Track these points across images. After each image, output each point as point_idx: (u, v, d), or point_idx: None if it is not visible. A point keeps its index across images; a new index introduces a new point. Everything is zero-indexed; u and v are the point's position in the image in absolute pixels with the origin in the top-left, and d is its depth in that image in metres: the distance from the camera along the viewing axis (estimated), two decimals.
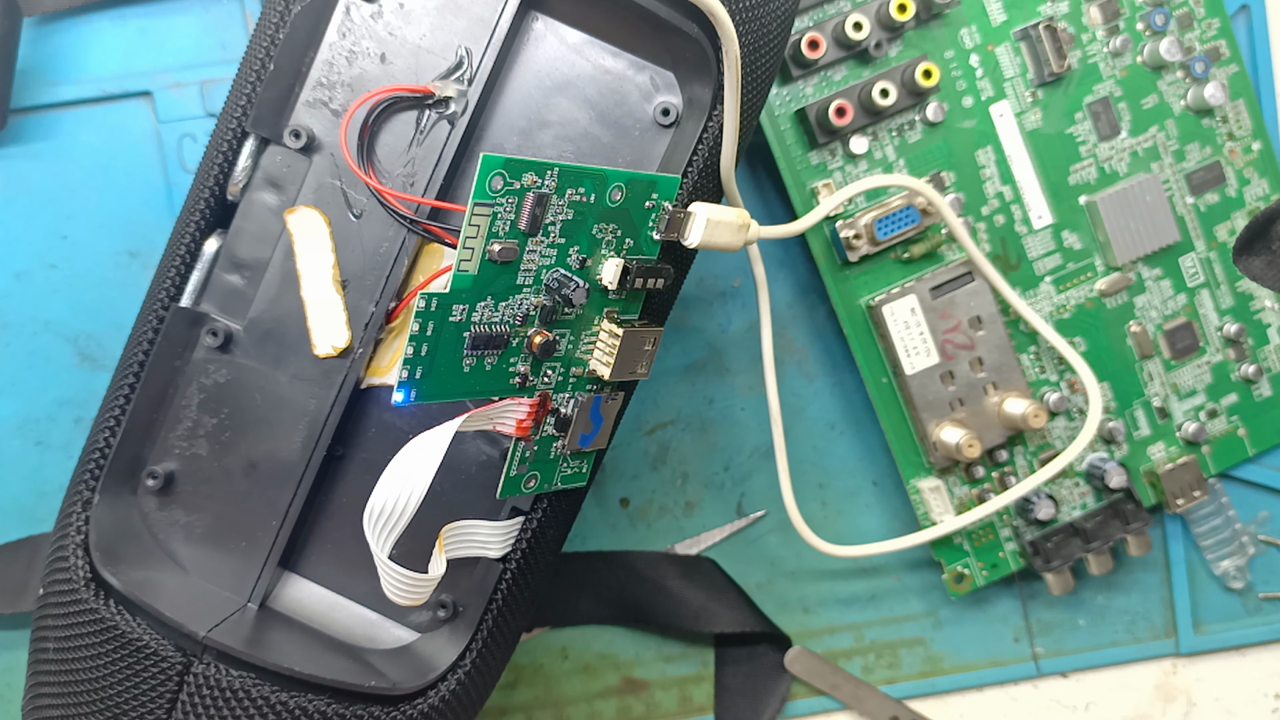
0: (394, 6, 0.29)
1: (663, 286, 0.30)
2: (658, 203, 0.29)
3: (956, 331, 0.40)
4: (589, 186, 0.28)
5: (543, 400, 0.29)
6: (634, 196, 0.29)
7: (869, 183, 0.37)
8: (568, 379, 0.29)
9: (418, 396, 0.27)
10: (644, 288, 0.29)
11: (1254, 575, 0.45)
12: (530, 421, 0.29)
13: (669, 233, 0.29)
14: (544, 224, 0.27)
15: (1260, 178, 0.43)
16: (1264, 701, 0.46)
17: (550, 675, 0.43)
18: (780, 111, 0.39)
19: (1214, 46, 0.42)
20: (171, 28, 0.39)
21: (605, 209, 0.28)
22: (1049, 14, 0.41)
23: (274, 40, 0.29)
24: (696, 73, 0.30)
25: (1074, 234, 0.42)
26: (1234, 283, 0.43)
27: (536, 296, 0.28)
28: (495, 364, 0.28)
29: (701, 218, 0.29)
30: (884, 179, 0.37)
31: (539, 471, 0.30)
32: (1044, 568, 0.42)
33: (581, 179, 0.27)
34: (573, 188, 0.27)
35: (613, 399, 0.31)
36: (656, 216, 0.29)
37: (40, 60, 0.38)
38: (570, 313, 0.29)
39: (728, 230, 0.30)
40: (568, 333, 0.29)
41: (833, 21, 0.39)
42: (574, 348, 0.29)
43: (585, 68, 0.31)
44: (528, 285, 0.28)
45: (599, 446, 0.31)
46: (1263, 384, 0.43)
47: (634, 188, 0.29)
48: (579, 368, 0.30)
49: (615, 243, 0.29)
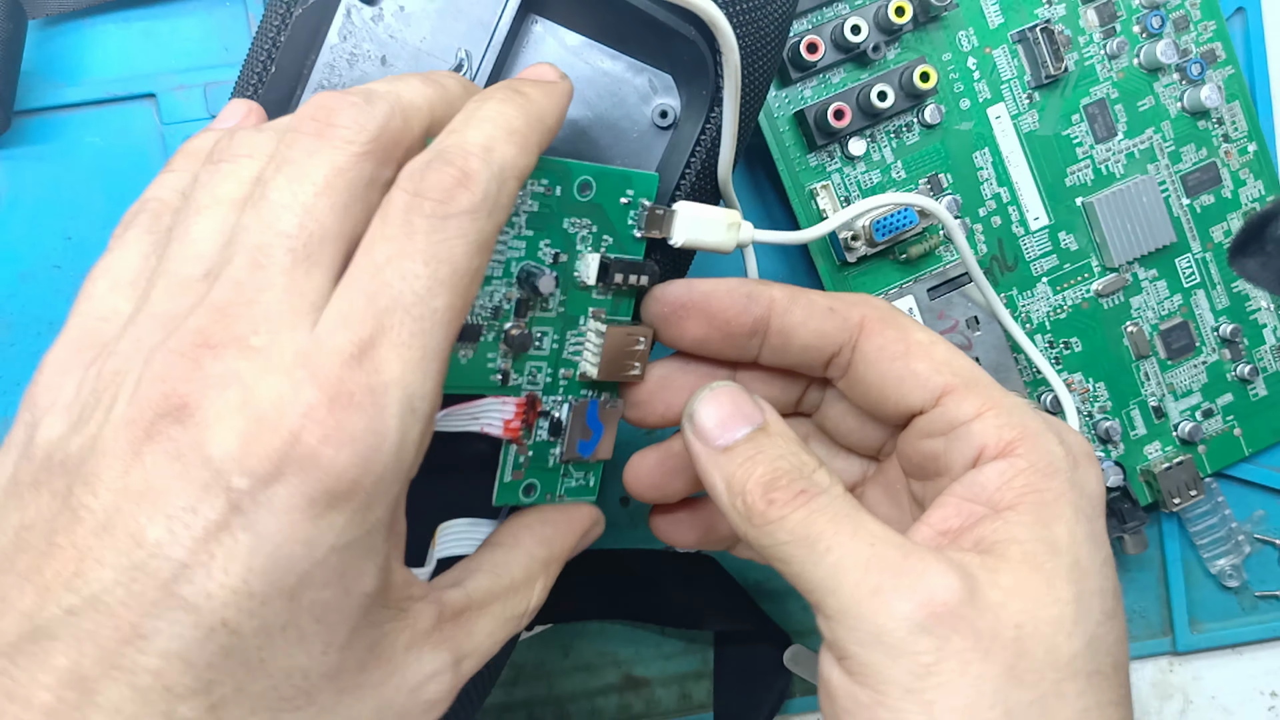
0: (395, 9, 0.30)
1: (648, 284, 0.29)
2: (635, 199, 0.29)
3: (954, 332, 0.41)
4: (551, 179, 0.27)
5: (531, 401, 0.29)
6: (605, 192, 0.28)
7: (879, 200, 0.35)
8: (557, 380, 0.29)
9: None
10: (627, 285, 0.29)
11: (1250, 574, 0.46)
12: (519, 423, 0.28)
13: (650, 230, 0.29)
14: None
15: (1255, 179, 0.43)
16: (1260, 699, 0.47)
17: (551, 672, 0.43)
18: (779, 114, 0.40)
19: (1210, 49, 0.42)
20: (175, 30, 0.39)
21: (575, 203, 0.28)
22: (1046, 17, 0.41)
23: (275, 43, 0.29)
24: (694, 75, 0.30)
25: (1070, 235, 0.42)
26: (1230, 283, 0.43)
27: (509, 289, 0.28)
28: (471, 358, 0.27)
29: (685, 216, 0.29)
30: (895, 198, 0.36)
31: (537, 480, 0.30)
32: None
33: (543, 171, 0.27)
34: (534, 179, 0.27)
35: (611, 405, 0.30)
36: (637, 214, 0.29)
37: (44, 62, 0.39)
38: (549, 309, 0.28)
39: (716, 229, 0.30)
40: (550, 330, 0.29)
41: (831, 24, 0.39)
42: (560, 348, 0.29)
43: (584, 70, 0.31)
44: (497, 277, 0.27)
45: (602, 456, 0.30)
46: (1258, 384, 0.44)
47: (604, 182, 0.28)
48: (569, 369, 0.29)
49: (592, 239, 0.29)
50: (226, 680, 0.20)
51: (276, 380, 0.20)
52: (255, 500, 0.20)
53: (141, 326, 0.22)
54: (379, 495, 0.21)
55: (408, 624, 0.24)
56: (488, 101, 0.24)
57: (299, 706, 0.21)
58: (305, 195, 0.21)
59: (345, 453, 0.20)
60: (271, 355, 0.20)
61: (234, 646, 0.20)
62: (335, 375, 0.20)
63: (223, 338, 0.20)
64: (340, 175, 0.22)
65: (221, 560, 0.19)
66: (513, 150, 0.23)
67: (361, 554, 0.21)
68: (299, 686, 0.21)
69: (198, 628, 0.19)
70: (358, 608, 0.22)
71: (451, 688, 0.25)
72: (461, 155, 0.22)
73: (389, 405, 0.20)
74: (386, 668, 0.23)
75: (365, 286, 0.21)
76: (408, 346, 0.21)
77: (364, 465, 0.20)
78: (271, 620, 0.20)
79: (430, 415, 0.22)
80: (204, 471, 0.20)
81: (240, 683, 0.20)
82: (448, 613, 0.25)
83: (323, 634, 0.21)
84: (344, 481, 0.20)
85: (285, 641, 0.20)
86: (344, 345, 0.20)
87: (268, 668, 0.20)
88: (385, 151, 0.22)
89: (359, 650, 0.22)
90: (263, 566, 0.20)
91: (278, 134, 0.23)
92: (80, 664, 0.19)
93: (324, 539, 0.20)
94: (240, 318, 0.21)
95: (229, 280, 0.21)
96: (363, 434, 0.20)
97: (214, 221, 0.23)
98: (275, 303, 0.21)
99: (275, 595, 0.20)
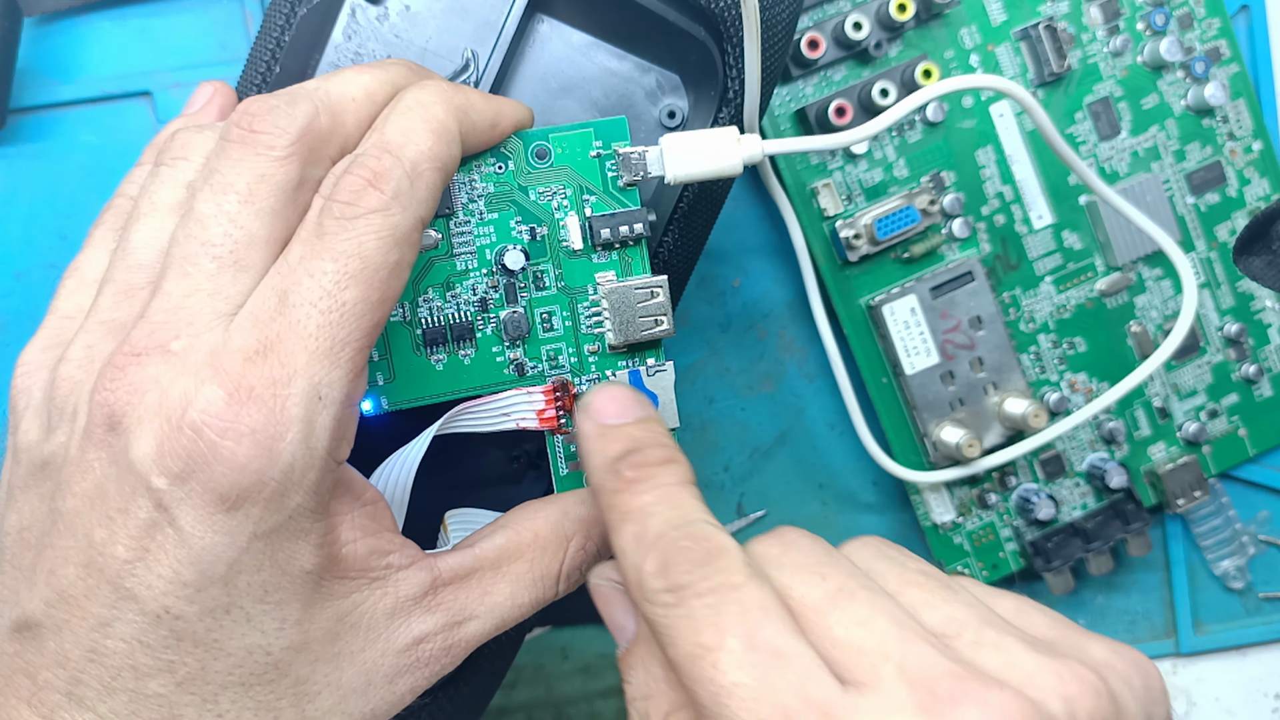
0: (400, 9, 0.29)
1: (644, 232, 0.28)
2: (608, 148, 0.28)
3: (956, 331, 0.40)
4: (500, 156, 0.27)
5: (562, 385, 0.28)
6: (567, 151, 0.28)
7: (953, 83, 0.31)
8: (584, 359, 0.28)
9: (388, 404, 0.26)
10: (624, 241, 0.28)
11: (1254, 575, 0.45)
12: (553, 411, 0.28)
13: (633, 175, 0.28)
14: (461, 204, 0.27)
15: (1260, 177, 0.43)
16: (1264, 701, 0.46)
17: (550, 675, 0.43)
18: (780, 111, 0.39)
19: (1214, 46, 0.42)
20: (171, 28, 0.39)
21: (536, 171, 0.27)
22: (1049, 14, 0.41)
23: (280, 43, 0.29)
24: (702, 76, 0.30)
25: (1074, 234, 0.42)
26: (1234, 282, 0.43)
27: (492, 277, 0.27)
28: (475, 356, 0.27)
29: (674, 148, 0.27)
30: (967, 80, 0.32)
31: None
32: (1044, 568, 0.42)
33: (490, 151, 0.27)
34: (480, 160, 0.27)
35: (659, 369, 0.29)
36: (615, 162, 0.28)
37: (40, 60, 0.38)
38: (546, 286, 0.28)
39: (715, 153, 0.27)
40: (557, 308, 0.28)
41: (833, 21, 0.39)
42: (576, 324, 0.28)
43: (591, 70, 0.31)
44: (474, 269, 0.27)
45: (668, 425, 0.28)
46: (1263, 384, 0.44)
47: (561, 142, 0.27)
48: (593, 344, 0.28)
49: (571, 202, 0.28)
50: (187, 660, 0.22)
51: (185, 381, 0.21)
52: (174, 497, 0.21)
53: (91, 333, 0.23)
54: (292, 482, 0.22)
55: (388, 591, 0.24)
56: (409, 92, 0.25)
57: (271, 680, 0.23)
58: (230, 205, 0.23)
59: (245, 444, 0.21)
60: (187, 358, 0.22)
61: (184, 630, 0.22)
62: (237, 371, 0.21)
63: (148, 345, 0.22)
64: (263, 181, 0.23)
65: (155, 554, 0.21)
66: (429, 141, 0.24)
67: (289, 537, 0.22)
68: (264, 662, 0.22)
69: (144, 615, 0.21)
70: (303, 586, 0.23)
71: (446, 648, 0.25)
72: (376, 155, 0.23)
73: (291, 395, 0.21)
74: (365, 635, 0.24)
75: (276, 285, 0.22)
76: (314, 338, 0.22)
77: (267, 455, 0.21)
78: (212, 605, 0.22)
79: (344, 402, 0.22)
80: (131, 475, 0.21)
81: (201, 661, 0.22)
82: (445, 576, 0.25)
83: (272, 613, 0.22)
84: (248, 473, 0.21)
85: (233, 623, 0.22)
86: (249, 342, 0.22)
87: (225, 647, 0.22)
88: (311, 151, 0.23)
89: (324, 623, 0.23)
90: (190, 558, 0.21)
91: (216, 133, 0.24)
92: (64, 648, 0.22)
93: (243, 528, 0.21)
94: (165, 325, 0.22)
95: (158, 290, 0.22)
96: (262, 425, 0.21)
97: (151, 229, 0.24)
98: (198, 308, 0.22)
99: (208, 582, 0.21)
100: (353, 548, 0.24)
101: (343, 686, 0.24)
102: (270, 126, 0.23)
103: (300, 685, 0.23)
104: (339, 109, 0.24)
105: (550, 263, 0.28)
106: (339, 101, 0.24)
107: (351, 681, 0.24)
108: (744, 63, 0.29)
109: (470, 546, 0.26)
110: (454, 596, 0.25)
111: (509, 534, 0.27)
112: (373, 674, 0.24)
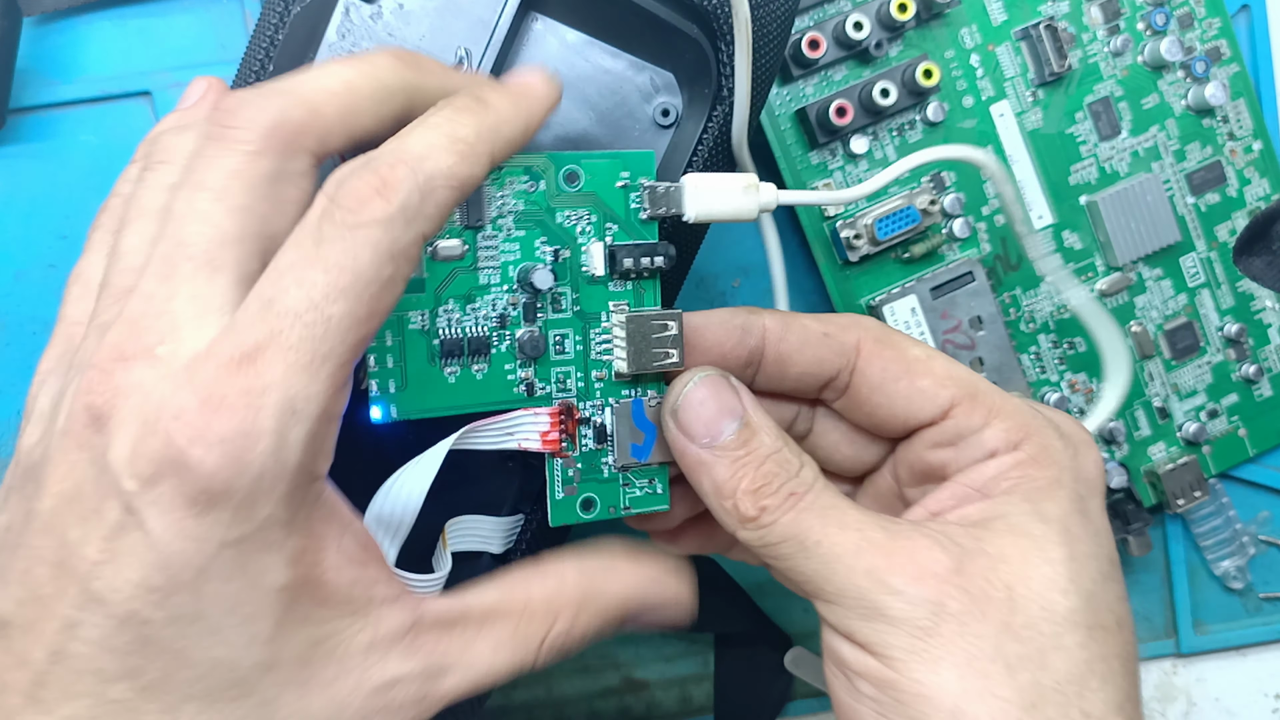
0: (393, 7, 0.29)
1: (664, 265, 0.28)
2: (634, 180, 0.28)
3: (957, 332, 0.40)
4: (533, 174, 0.27)
5: (567, 409, 0.28)
6: (596, 178, 0.28)
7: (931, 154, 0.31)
8: (591, 384, 0.28)
9: (398, 413, 0.26)
10: (644, 271, 0.28)
11: (1254, 575, 0.45)
12: (557, 434, 0.27)
13: (656, 209, 0.28)
14: (490, 218, 0.27)
15: (1261, 177, 0.43)
16: (1264, 702, 0.46)
17: (550, 675, 0.43)
18: (780, 111, 0.39)
19: (1214, 46, 0.42)
20: (171, 28, 0.39)
21: (565, 195, 0.27)
22: (1049, 14, 0.40)
23: (273, 42, 0.29)
24: (696, 74, 0.30)
25: (1075, 234, 0.42)
26: (1234, 283, 0.43)
27: (513, 294, 0.27)
28: (487, 372, 0.27)
29: (694, 187, 0.28)
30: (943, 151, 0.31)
31: (595, 494, 0.28)
32: None
33: (523, 167, 0.27)
34: (513, 176, 0.27)
35: (659, 401, 0.29)
36: (639, 195, 0.28)
37: (39, 60, 0.38)
38: (562, 309, 0.28)
39: (733, 195, 0.28)
40: (570, 332, 0.28)
41: (833, 21, 0.39)
42: (586, 349, 0.28)
43: (585, 68, 0.31)
44: (496, 284, 0.27)
45: (662, 459, 0.29)
46: (1263, 384, 0.43)
47: (592, 169, 0.28)
48: (601, 370, 0.28)
49: (594, 229, 0.28)
50: (151, 667, 0.21)
51: (164, 386, 0.21)
52: (143, 500, 0.21)
53: (90, 339, 0.23)
54: (261, 493, 0.21)
55: (366, 625, 0.24)
56: (441, 109, 0.24)
57: (236, 698, 0.22)
58: (203, 204, 0.22)
59: (214, 453, 0.21)
60: (170, 362, 0.21)
61: (150, 636, 0.21)
62: (211, 379, 0.21)
63: (134, 349, 0.22)
64: (235, 178, 0.22)
65: (124, 557, 0.21)
66: (450, 159, 0.23)
67: (260, 549, 0.22)
68: (230, 678, 0.22)
69: (110, 618, 0.21)
70: (275, 603, 0.22)
71: (419, 698, 0.25)
72: (389, 163, 0.23)
73: (265, 407, 0.21)
74: (339, 666, 0.24)
75: (264, 292, 0.22)
76: (295, 350, 0.21)
77: (236, 465, 0.21)
78: (179, 612, 0.21)
79: (321, 417, 0.22)
80: (106, 476, 0.21)
81: (166, 669, 0.22)
82: (428, 620, 0.25)
83: (242, 627, 0.22)
84: (216, 481, 0.21)
85: (200, 632, 0.22)
86: (229, 350, 0.21)
87: (190, 656, 0.22)
88: (286, 144, 0.23)
89: (296, 645, 0.23)
90: (157, 562, 0.21)
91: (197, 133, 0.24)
92: (29, 649, 0.22)
93: (212, 535, 0.21)
94: (150, 329, 0.22)
95: (142, 293, 0.22)
96: (232, 435, 0.21)
97: (139, 234, 0.24)
98: (181, 311, 0.22)
99: (176, 588, 0.21)
100: (336, 574, 0.23)
101: (310, 716, 0.23)
102: (242, 121, 0.23)
103: (266, 707, 0.23)
104: (315, 101, 0.23)
105: (569, 286, 0.28)
106: (314, 93, 0.23)
107: (319, 713, 0.23)
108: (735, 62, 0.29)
109: (459, 595, 0.26)
110: (434, 642, 0.25)
111: (501, 593, 0.26)
112: (341, 710, 0.23)
